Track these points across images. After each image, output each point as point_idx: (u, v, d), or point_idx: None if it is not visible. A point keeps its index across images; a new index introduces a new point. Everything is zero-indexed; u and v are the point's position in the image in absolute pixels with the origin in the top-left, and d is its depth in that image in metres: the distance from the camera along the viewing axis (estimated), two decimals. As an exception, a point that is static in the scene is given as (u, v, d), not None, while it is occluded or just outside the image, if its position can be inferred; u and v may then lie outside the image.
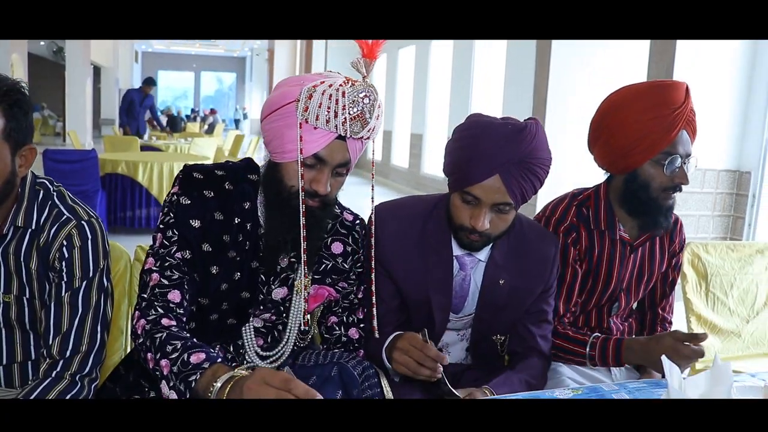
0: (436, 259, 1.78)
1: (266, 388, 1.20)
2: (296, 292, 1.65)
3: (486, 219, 1.64)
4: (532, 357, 1.85)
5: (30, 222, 1.54)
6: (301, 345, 1.73)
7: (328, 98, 1.42)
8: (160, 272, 1.53)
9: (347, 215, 1.75)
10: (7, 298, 1.56)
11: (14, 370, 1.65)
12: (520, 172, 1.60)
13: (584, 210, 2.03)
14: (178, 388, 1.34)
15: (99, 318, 1.56)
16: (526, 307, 1.85)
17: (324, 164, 1.48)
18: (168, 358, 1.39)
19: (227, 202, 1.58)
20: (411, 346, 1.57)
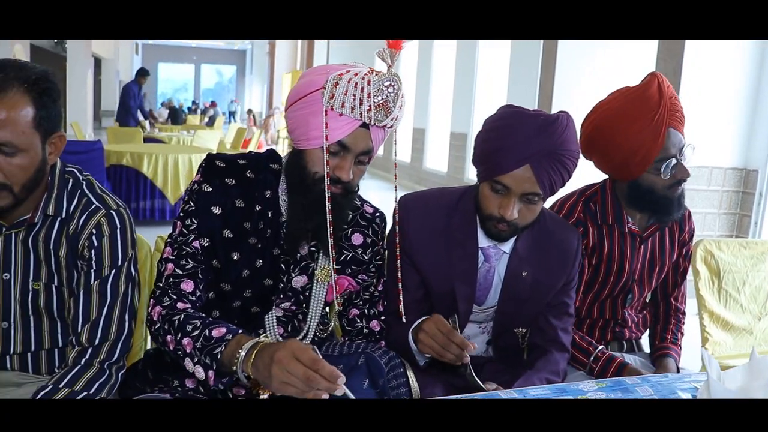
0: (461, 250, 1.80)
1: (296, 364, 1.22)
2: (316, 281, 1.66)
3: (515, 208, 1.65)
4: (553, 351, 1.86)
5: (60, 210, 1.55)
6: (322, 336, 1.74)
7: (354, 86, 1.45)
8: (175, 262, 1.56)
9: (367, 207, 1.77)
10: (36, 286, 1.57)
11: (41, 356, 1.66)
12: (550, 163, 1.62)
13: (591, 205, 2.05)
14: (204, 362, 1.38)
15: (127, 306, 1.58)
16: (548, 299, 1.86)
17: (347, 151, 1.50)
18: (189, 336, 1.43)
19: (249, 190, 1.61)
20: (437, 330, 1.58)
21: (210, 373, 1.38)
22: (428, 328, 1.60)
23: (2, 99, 1.37)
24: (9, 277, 1.57)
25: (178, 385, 1.60)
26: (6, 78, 1.38)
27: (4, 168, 1.40)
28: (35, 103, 1.41)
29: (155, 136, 11.00)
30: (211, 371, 1.37)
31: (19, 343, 1.62)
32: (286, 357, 1.23)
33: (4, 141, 1.38)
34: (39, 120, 1.42)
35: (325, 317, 1.74)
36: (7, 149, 1.39)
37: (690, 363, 2.32)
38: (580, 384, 1.60)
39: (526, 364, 1.87)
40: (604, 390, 1.54)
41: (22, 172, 1.43)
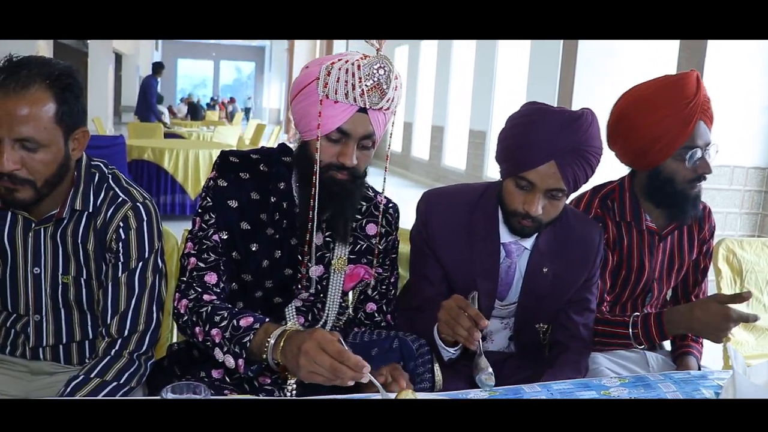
0: (483, 246, 1.81)
1: (322, 355, 1.28)
2: (333, 271, 1.69)
3: (539, 204, 1.67)
4: (574, 347, 1.87)
5: (87, 205, 1.57)
6: (340, 326, 1.76)
7: (345, 72, 1.48)
8: (197, 255, 1.60)
9: (381, 198, 1.78)
10: (65, 279, 1.60)
11: (73, 348, 1.69)
12: (574, 159, 1.63)
13: (609, 202, 2.05)
14: (234, 351, 1.44)
15: (155, 298, 1.61)
16: (569, 295, 1.87)
17: (348, 137, 1.53)
18: (218, 327, 1.48)
19: (263, 183, 1.64)
20: (453, 304, 1.56)
21: (240, 362, 1.43)
22: (446, 303, 1.59)
23: (25, 95, 1.39)
24: (39, 271, 1.59)
25: (204, 375, 1.63)
26: (29, 74, 1.40)
27: (27, 163, 1.42)
28: (57, 99, 1.43)
29: (176, 132, 11.05)
30: (240, 359, 1.43)
31: (52, 335, 1.65)
32: (313, 348, 1.29)
33: (26, 136, 1.39)
34: (61, 115, 1.44)
35: (343, 306, 1.76)
36: (29, 144, 1.41)
37: (710, 362, 2.32)
38: (603, 380, 1.61)
39: (548, 360, 1.88)
40: (626, 386, 1.55)
41: (44, 167, 1.45)
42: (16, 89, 1.38)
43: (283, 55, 29.93)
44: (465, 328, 1.51)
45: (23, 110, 1.38)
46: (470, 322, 1.51)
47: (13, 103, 1.37)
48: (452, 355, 1.69)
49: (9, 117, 1.37)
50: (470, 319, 1.51)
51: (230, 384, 1.62)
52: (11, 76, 1.39)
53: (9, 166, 1.39)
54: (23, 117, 1.38)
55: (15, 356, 1.68)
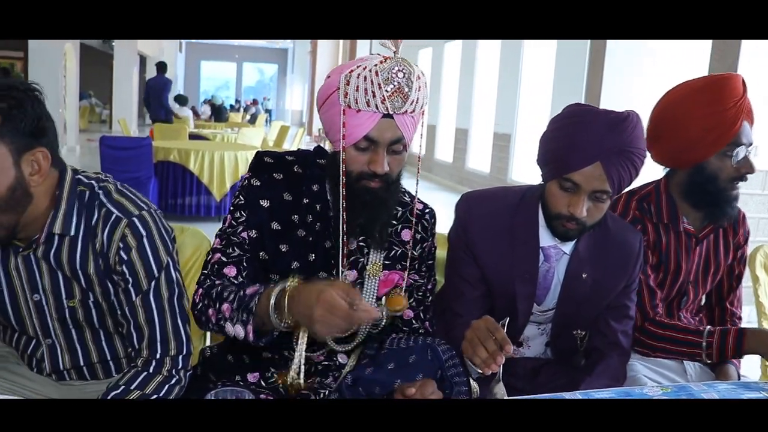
0: (523, 249, 1.79)
1: (333, 318, 1.28)
2: (368, 276, 1.66)
3: (584, 206, 1.65)
4: (613, 355, 1.84)
5: (68, 228, 1.46)
6: (375, 332, 1.74)
7: (363, 80, 1.45)
8: (222, 251, 1.59)
9: (417, 204, 1.75)
10: (72, 303, 1.53)
11: (98, 369, 1.66)
12: (620, 160, 1.62)
13: (645, 204, 2.03)
14: (242, 319, 1.42)
15: (177, 313, 1.53)
16: (608, 301, 1.84)
17: (376, 144, 1.50)
18: (227, 302, 1.47)
19: (296, 184, 1.63)
20: (483, 325, 1.50)
21: (249, 328, 1.42)
22: (475, 323, 1.53)
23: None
24: (39, 298, 1.52)
25: (240, 380, 1.62)
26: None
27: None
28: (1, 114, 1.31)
29: (200, 133, 11.13)
30: (249, 326, 1.42)
31: (67, 357, 1.61)
32: (324, 315, 1.28)
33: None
34: (3, 132, 1.32)
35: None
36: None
37: (748, 372, 2.27)
38: (645, 389, 1.57)
39: (585, 368, 1.85)
40: (669, 395, 1.51)
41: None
42: None
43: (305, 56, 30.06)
44: (488, 352, 1.45)
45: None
46: (495, 346, 1.45)
47: None
48: (480, 374, 1.62)
49: None
50: (496, 344, 1.45)
51: (265, 388, 1.61)
52: None
53: None
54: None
55: (42, 376, 1.65)
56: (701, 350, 1.88)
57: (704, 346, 1.88)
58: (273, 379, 1.63)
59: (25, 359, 1.66)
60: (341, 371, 1.66)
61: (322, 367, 1.67)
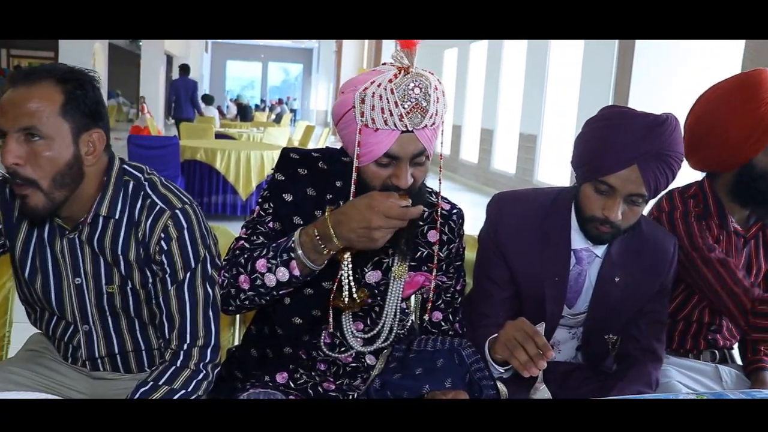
0: (554, 251, 1.78)
1: (391, 221, 1.36)
2: (393, 278, 1.64)
3: (619, 209, 1.63)
4: (645, 360, 1.81)
5: (114, 211, 1.53)
6: (401, 333, 1.73)
7: (378, 99, 1.39)
8: (246, 239, 1.58)
9: (444, 204, 1.73)
10: (110, 289, 1.57)
11: (130, 358, 1.69)
12: (657, 164, 1.59)
13: (691, 202, 2.00)
14: (282, 260, 1.44)
15: (210, 306, 1.56)
16: (641, 306, 1.82)
17: (398, 159, 1.46)
18: (261, 258, 1.48)
19: (320, 180, 1.62)
20: (521, 326, 1.49)
21: (292, 264, 1.43)
22: (512, 323, 1.52)
23: (31, 88, 1.41)
24: (81, 281, 1.57)
25: (269, 380, 1.62)
26: (38, 72, 1.43)
27: (30, 159, 1.40)
28: (64, 93, 1.42)
29: (226, 133, 11.20)
30: (292, 262, 1.43)
31: (103, 345, 1.64)
32: (382, 203, 1.35)
33: (29, 125, 1.39)
34: (68, 109, 1.42)
35: (405, 313, 1.72)
36: (33, 134, 1.39)
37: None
38: (680, 396, 1.55)
39: (617, 373, 1.83)
40: (705, 402, 1.49)
41: (48, 163, 1.41)
42: (25, 84, 1.41)
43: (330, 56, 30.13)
44: (530, 355, 1.43)
45: (28, 101, 1.39)
46: (536, 350, 1.43)
47: (20, 95, 1.40)
48: (501, 374, 1.63)
49: (14, 108, 1.39)
50: (537, 348, 1.44)
51: (295, 389, 1.61)
52: (20, 78, 1.42)
53: (10, 159, 1.38)
54: (28, 107, 1.39)
55: (77, 366, 1.70)
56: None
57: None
58: (302, 380, 1.63)
59: (61, 348, 1.70)
60: (369, 373, 1.66)
61: (351, 369, 1.66)
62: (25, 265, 1.59)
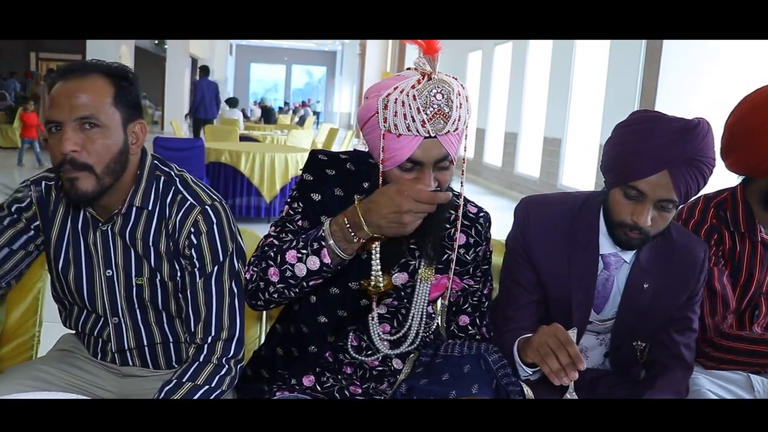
0: (581, 255, 1.76)
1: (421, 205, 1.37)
2: (420, 280, 1.64)
3: (649, 215, 1.61)
4: (675, 368, 1.79)
5: (147, 202, 1.59)
6: (428, 336, 1.73)
7: (401, 105, 1.39)
8: (275, 236, 1.59)
9: (471, 207, 1.74)
10: (140, 281, 1.62)
11: (158, 350, 1.72)
12: (688, 169, 1.57)
13: (721, 212, 1.97)
14: (313, 250, 1.45)
15: (235, 300, 1.60)
16: (671, 313, 1.79)
17: (422, 164, 1.46)
18: (291, 249, 1.49)
19: (348, 181, 1.63)
20: (554, 334, 1.47)
21: (323, 252, 1.44)
22: (546, 329, 1.50)
23: (84, 80, 1.49)
24: (112, 273, 1.63)
25: (295, 383, 1.62)
26: (87, 66, 1.52)
27: (87, 146, 1.46)
28: (114, 85, 1.51)
29: (251, 135, 11.26)
30: (323, 250, 1.44)
31: (132, 337, 1.68)
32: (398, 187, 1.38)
33: (86, 114, 1.46)
34: (119, 100, 1.51)
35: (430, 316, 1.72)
36: (90, 123, 1.47)
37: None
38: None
39: (646, 381, 1.82)
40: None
41: (104, 150, 1.49)
42: (75, 77, 1.48)
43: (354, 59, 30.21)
44: (562, 364, 1.42)
45: (83, 92, 1.47)
46: (569, 359, 1.42)
47: (74, 86, 1.47)
48: (529, 376, 1.62)
49: (70, 99, 1.46)
50: (569, 357, 1.42)
51: (321, 392, 1.62)
52: (72, 71, 1.50)
53: (69, 147, 1.44)
54: (83, 97, 1.46)
55: (106, 362, 1.73)
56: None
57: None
58: (329, 383, 1.63)
59: (90, 344, 1.73)
60: (396, 377, 1.66)
61: (377, 373, 1.66)
62: (59, 258, 1.64)
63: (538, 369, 1.56)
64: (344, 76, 34.73)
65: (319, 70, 43.12)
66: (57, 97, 1.47)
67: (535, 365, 1.54)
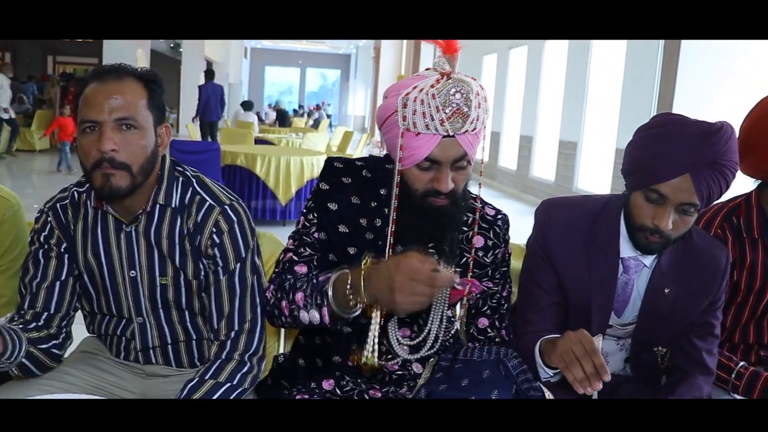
0: (601, 258, 1.75)
1: (417, 285, 1.27)
2: None
3: (670, 219, 1.59)
4: (696, 374, 1.77)
5: (170, 200, 1.62)
6: (447, 339, 1.72)
7: (420, 104, 1.41)
8: (294, 251, 1.63)
9: (489, 210, 1.74)
10: (164, 281, 1.65)
11: (181, 348, 1.73)
12: (710, 173, 1.56)
13: (734, 219, 1.96)
14: (316, 303, 1.44)
15: (256, 295, 1.63)
16: (692, 319, 1.78)
17: (439, 164, 1.47)
18: (300, 291, 1.50)
19: (364, 188, 1.64)
20: (580, 342, 1.45)
21: (324, 311, 1.43)
22: (570, 335, 1.48)
23: (121, 83, 1.52)
24: (135, 274, 1.65)
25: (315, 387, 1.62)
26: (121, 70, 1.55)
27: (124, 146, 1.50)
28: (147, 89, 1.56)
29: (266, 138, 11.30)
30: (324, 308, 1.43)
31: (156, 336, 1.70)
32: (406, 283, 1.27)
33: (126, 115, 1.50)
34: (151, 103, 1.56)
35: (451, 320, 1.72)
36: (128, 125, 1.50)
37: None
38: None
39: (667, 387, 1.80)
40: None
41: (141, 150, 1.52)
42: (112, 79, 1.52)
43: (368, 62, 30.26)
44: (586, 373, 1.40)
45: (121, 93, 1.50)
46: (593, 369, 1.40)
47: (112, 88, 1.50)
48: (549, 377, 1.62)
49: (108, 100, 1.49)
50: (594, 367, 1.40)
51: (341, 396, 1.62)
52: (106, 73, 1.53)
53: (109, 146, 1.47)
54: (122, 99, 1.50)
55: (129, 361, 1.75)
56: (727, 387, 1.91)
57: (731, 386, 1.90)
58: (348, 387, 1.63)
59: (113, 344, 1.75)
60: (416, 381, 1.65)
61: (397, 377, 1.66)
62: (84, 266, 1.66)
63: (559, 371, 1.56)
64: (358, 79, 34.82)
65: (334, 73, 43.25)
66: (94, 97, 1.49)
67: (556, 368, 1.54)
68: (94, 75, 1.53)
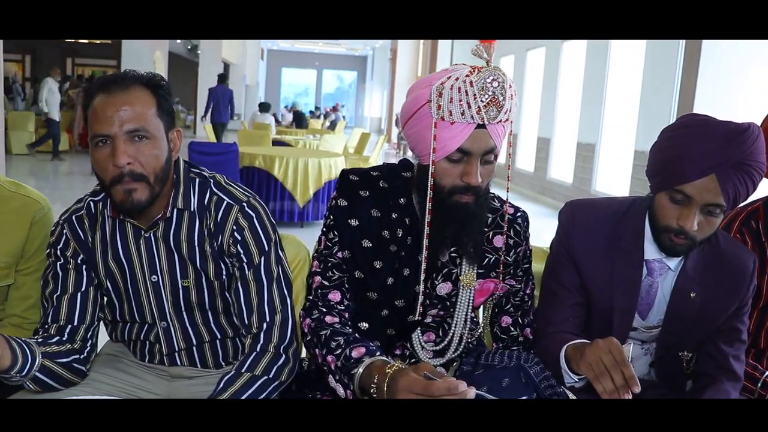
0: (626, 260, 1.74)
1: (411, 396, 1.23)
2: (462, 287, 1.64)
3: (695, 220, 1.58)
4: (723, 380, 1.75)
5: (189, 203, 1.63)
6: (471, 341, 1.72)
7: (457, 91, 1.43)
8: (322, 274, 1.62)
9: (508, 208, 1.73)
10: (185, 283, 1.65)
11: (206, 349, 1.73)
12: (737, 174, 1.54)
13: (753, 223, 1.94)
14: (343, 382, 1.42)
15: (283, 286, 1.64)
16: (718, 324, 1.76)
17: (470, 155, 1.48)
18: (333, 354, 1.46)
19: (383, 200, 1.63)
20: (609, 347, 1.43)
21: (348, 393, 1.41)
22: (601, 344, 1.46)
23: (128, 93, 1.51)
24: (157, 279, 1.65)
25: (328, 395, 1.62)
26: (127, 79, 1.54)
27: (138, 157, 1.49)
28: (155, 95, 1.55)
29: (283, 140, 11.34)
30: (349, 390, 1.41)
31: (181, 339, 1.70)
32: (404, 395, 1.23)
33: (137, 127, 1.49)
34: (161, 110, 1.55)
35: (474, 322, 1.72)
36: (140, 133, 1.49)
37: None
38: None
39: (692, 392, 1.79)
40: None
41: (154, 160, 1.52)
42: (119, 89, 1.50)
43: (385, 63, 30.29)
44: (616, 385, 1.39)
45: (129, 104, 1.49)
46: (623, 381, 1.39)
47: (120, 99, 1.49)
48: (574, 383, 1.60)
49: (117, 112, 1.48)
50: (623, 379, 1.39)
51: (363, 400, 1.60)
52: (112, 83, 1.51)
53: (124, 159, 1.47)
54: (131, 110, 1.49)
55: (154, 363, 1.75)
56: (753, 395, 1.87)
57: (758, 395, 1.86)
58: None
59: (137, 349, 1.75)
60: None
61: None
62: (105, 275, 1.66)
63: (584, 377, 1.54)
64: (375, 81, 34.84)
65: (350, 74, 43.32)
66: (103, 110, 1.48)
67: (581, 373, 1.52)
68: (100, 87, 1.51)
